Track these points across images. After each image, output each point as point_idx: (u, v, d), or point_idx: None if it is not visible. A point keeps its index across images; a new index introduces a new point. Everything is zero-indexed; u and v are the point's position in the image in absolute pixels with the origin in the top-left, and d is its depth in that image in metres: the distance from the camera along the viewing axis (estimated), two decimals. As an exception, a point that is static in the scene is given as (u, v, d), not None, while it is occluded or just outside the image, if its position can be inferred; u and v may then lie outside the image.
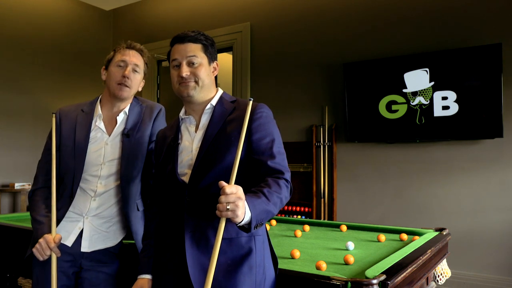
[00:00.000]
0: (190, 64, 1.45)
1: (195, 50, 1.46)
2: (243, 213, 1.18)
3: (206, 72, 1.47)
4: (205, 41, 1.49)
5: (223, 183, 1.20)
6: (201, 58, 1.46)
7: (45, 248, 1.60)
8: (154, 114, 1.86)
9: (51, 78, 5.56)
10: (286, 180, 1.37)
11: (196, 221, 1.38)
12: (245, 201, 1.20)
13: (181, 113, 1.54)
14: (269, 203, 1.27)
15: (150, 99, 5.84)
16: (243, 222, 1.21)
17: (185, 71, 1.44)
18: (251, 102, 1.35)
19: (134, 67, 1.79)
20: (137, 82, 1.82)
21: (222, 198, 1.17)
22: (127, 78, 1.76)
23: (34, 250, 1.62)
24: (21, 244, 2.15)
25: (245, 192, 1.25)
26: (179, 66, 1.46)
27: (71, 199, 1.73)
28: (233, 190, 1.18)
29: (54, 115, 1.80)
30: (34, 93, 5.39)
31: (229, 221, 1.22)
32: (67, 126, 1.80)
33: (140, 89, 1.88)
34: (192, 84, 1.44)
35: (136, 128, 1.80)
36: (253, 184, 1.35)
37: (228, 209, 1.16)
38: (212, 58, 1.51)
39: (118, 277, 1.76)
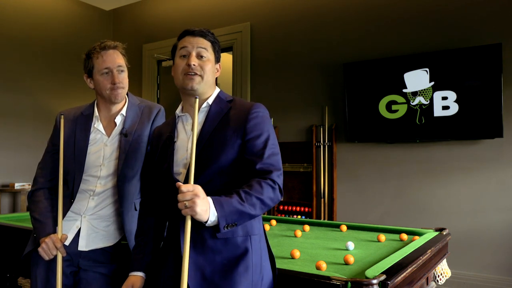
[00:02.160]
0: (199, 56, 1.45)
1: (206, 45, 1.47)
2: (204, 211, 1.21)
3: (212, 69, 1.48)
4: (215, 42, 1.51)
5: (179, 183, 1.24)
6: (210, 54, 1.47)
7: (51, 248, 1.62)
8: (153, 114, 1.86)
9: (51, 78, 5.56)
10: (273, 181, 1.34)
11: (191, 221, 1.38)
12: (211, 201, 1.23)
13: (178, 110, 1.53)
14: (244, 204, 1.26)
15: (150, 99, 5.85)
16: (209, 222, 1.23)
17: (194, 60, 1.43)
18: (197, 100, 1.41)
19: (118, 68, 1.76)
20: (126, 79, 1.81)
21: (179, 196, 1.22)
22: (118, 82, 1.75)
23: (40, 249, 1.63)
24: (21, 244, 2.14)
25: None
26: (186, 56, 1.45)
27: (71, 200, 1.74)
28: (189, 188, 1.22)
29: (62, 116, 1.81)
30: (34, 93, 5.39)
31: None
32: (68, 129, 1.81)
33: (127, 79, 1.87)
34: (198, 78, 1.44)
35: (134, 128, 1.80)
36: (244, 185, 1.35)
37: (186, 206, 1.20)
38: (217, 59, 1.52)
39: (115, 278, 1.76)
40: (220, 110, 1.46)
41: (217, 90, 1.54)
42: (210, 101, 1.49)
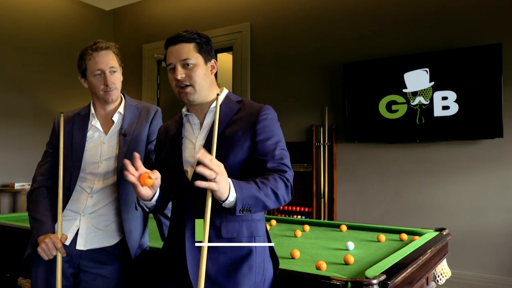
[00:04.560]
0: (185, 65, 1.43)
1: (189, 52, 1.43)
2: (226, 189, 1.19)
3: (202, 72, 1.44)
4: (198, 39, 1.45)
5: (211, 156, 1.18)
6: (195, 58, 1.43)
7: (51, 248, 1.61)
8: (151, 115, 1.87)
9: (51, 78, 5.56)
10: (286, 179, 1.35)
11: (196, 220, 1.38)
12: (231, 182, 1.21)
13: (184, 110, 1.53)
14: (260, 191, 1.26)
15: (150, 99, 5.85)
16: (227, 202, 1.21)
17: (180, 73, 1.41)
18: (219, 97, 1.40)
19: (110, 69, 1.76)
20: (119, 80, 1.81)
21: (202, 170, 1.15)
22: (110, 83, 1.76)
23: (39, 250, 1.62)
24: (21, 244, 2.14)
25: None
26: (174, 69, 1.44)
27: (68, 197, 1.74)
28: (219, 163, 1.19)
29: (61, 114, 1.82)
30: (34, 93, 5.39)
31: (226, 219, 1.21)
32: (66, 128, 1.82)
33: (121, 78, 1.86)
34: (190, 89, 1.42)
35: (133, 128, 1.81)
36: None
37: (215, 179, 1.16)
38: (208, 57, 1.47)
39: (116, 280, 1.75)
40: (230, 110, 1.46)
41: (226, 90, 1.53)
42: (218, 102, 1.48)
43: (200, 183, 1.15)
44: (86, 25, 6.02)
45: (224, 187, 1.18)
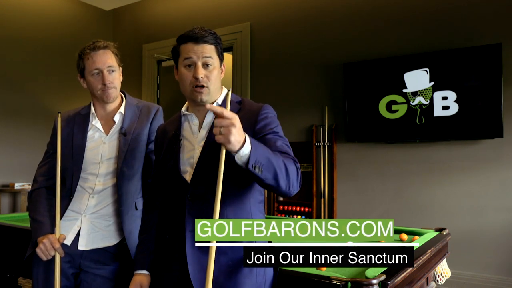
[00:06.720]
0: (205, 65, 1.41)
1: (211, 51, 1.42)
2: (238, 141, 1.14)
3: (218, 74, 1.45)
4: (216, 42, 1.46)
5: (222, 108, 1.17)
6: (215, 60, 1.43)
7: (49, 248, 1.61)
8: (151, 114, 1.87)
9: (51, 78, 5.56)
10: (295, 160, 1.33)
11: (195, 212, 1.37)
12: (247, 137, 1.18)
13: (183, 109, 1.52)
14: (274, 157, 1.23)
15: (150, 99, 5.84)
16: (241, 153, 1.16)
17: (201, 73, 1.40)
18: (229, 93, 1.34)
19: (108, 68, 1.76)
20: (117, 79, 1.80)
21: (216, 121, 1.15)
22: (108, 83, 1.75)
23: (37, 250, 1.62)
24: (21, 244, 2.14)
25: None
26: (192, 66, 1.42)
27: (70, 197, 1.74)
28: (229, 115, 1.14)
29: (59, 114, 1.82)
30: (34, 93, 5.39)
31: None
32: (66, 128, 1.82)
33: (121, 78, 1.86)
34: (205, 90, 1.41)
35: (133, 127, 1.81)
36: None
37: (220, 132, 1.14)
38: (222, 60, 1.49)
39: (117, 280, 1.75)
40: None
41: (225, 90, 1.52)
42: (219, 101, 1.48)
43: (217, 139, 1.15)
44: (86, 25, 6.02)
45: (235, 140, 1.14)
